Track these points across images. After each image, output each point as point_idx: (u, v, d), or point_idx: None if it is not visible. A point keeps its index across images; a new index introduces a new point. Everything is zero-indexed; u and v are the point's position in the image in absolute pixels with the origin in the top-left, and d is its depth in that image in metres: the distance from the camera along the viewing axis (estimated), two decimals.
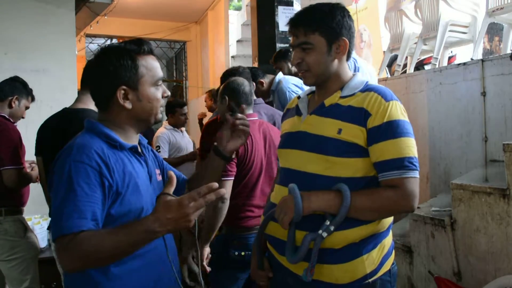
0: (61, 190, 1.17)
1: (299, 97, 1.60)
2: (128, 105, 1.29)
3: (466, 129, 3.16)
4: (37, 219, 3.80)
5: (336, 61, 1.47)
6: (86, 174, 1.17)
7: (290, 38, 1.52)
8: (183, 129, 4.59)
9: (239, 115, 1.51)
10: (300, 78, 1.58)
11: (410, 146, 1.35)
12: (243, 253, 2.15)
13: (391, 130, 1.34)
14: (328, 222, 1.32)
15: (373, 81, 3.66)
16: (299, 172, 1.44)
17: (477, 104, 3.07)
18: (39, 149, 2.36)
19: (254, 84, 3.06)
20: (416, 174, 1.34)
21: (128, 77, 1.28)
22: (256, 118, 2.34)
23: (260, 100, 2.91)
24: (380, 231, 1.43)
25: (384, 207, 1.35)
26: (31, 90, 2.90)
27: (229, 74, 2.67)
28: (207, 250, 2.19)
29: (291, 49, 1.54)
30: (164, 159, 3.72)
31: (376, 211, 1.36)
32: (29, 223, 3.74)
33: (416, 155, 1.36)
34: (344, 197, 1.31)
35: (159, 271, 1.33)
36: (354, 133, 1.37)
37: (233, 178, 2.14)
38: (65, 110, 2.29)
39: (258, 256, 1.60)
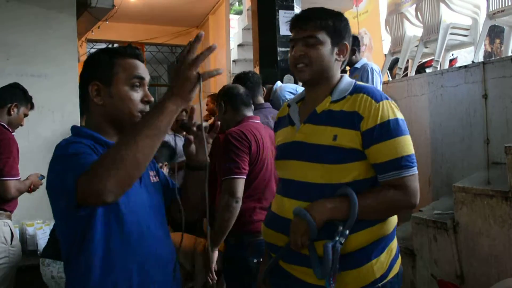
0: (61, 163, 1.16)
1: (289, 105, 1.59)
2: (98, 101, 1.28)
3: (467, 132, 3.16)
4: (40, 224, 3.80)
5: (335, 63, 1.48)
6: (81, 146, 1.18)
7: (292, 33, 1.49)
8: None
9: (194, 122, 1.35)
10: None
11: (406, 144, 1.36)
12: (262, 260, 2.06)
13: (385, 131, 1.34)
14: (341, 228, 1.32)
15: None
16: (298, 182, 1.44)
17: (478, 107, 3.06)
18: None
19: (264, 88, 3.03)
20: (415, 170, 1.36)
21: (102, 72, 1.28)
22: (258, 121, 2.32)
23: (268, 104, 2.89)
24: (387, 234, 1.43)
25: (389, 206, 1.38)
26: (30, 97, 2.82)
27: (239, 77, 2.71)
28: (216, 253, 2.14)
29: (290, 43, 1.50)
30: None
31: (382, 211, 1.39)
32: (32, 228, 3.75)
33: (413, 151, 1.37)
34: (351, 199, 1.32)
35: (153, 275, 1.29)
36: (349, 138, 1.37)
37: (245, 177, 2.07)
38: None
39: (265, 274, 1.57)
